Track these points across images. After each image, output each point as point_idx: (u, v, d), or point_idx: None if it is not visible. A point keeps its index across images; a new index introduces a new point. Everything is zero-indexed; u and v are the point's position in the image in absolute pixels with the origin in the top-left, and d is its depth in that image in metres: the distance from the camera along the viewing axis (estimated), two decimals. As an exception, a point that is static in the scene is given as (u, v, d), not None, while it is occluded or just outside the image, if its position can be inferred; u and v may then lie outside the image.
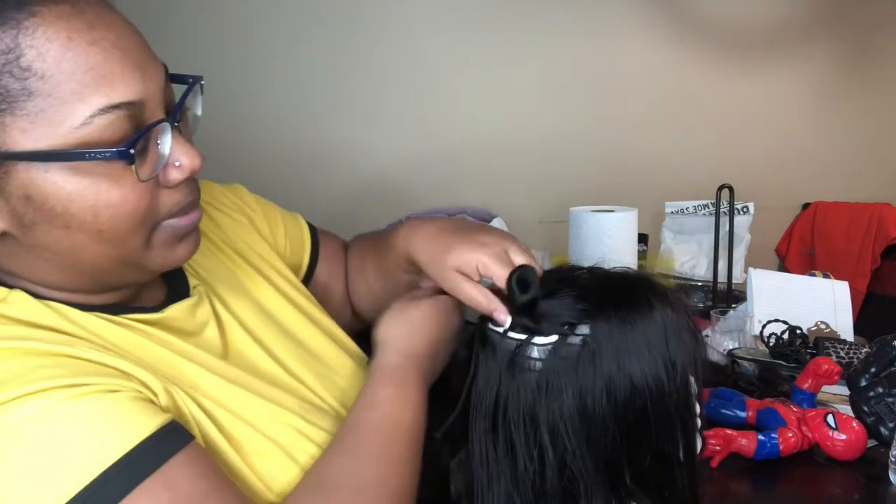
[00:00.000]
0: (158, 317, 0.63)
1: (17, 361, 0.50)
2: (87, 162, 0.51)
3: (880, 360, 0.97)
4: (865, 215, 2.39)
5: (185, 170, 0.56)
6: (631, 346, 0.62)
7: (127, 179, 0.53)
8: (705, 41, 2.32)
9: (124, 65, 0.52)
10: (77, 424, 0.48)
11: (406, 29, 1.93)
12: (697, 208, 1.78)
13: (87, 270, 0.57)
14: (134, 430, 0.49)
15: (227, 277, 0.74)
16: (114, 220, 0.54)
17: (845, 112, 2.59)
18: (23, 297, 0.56)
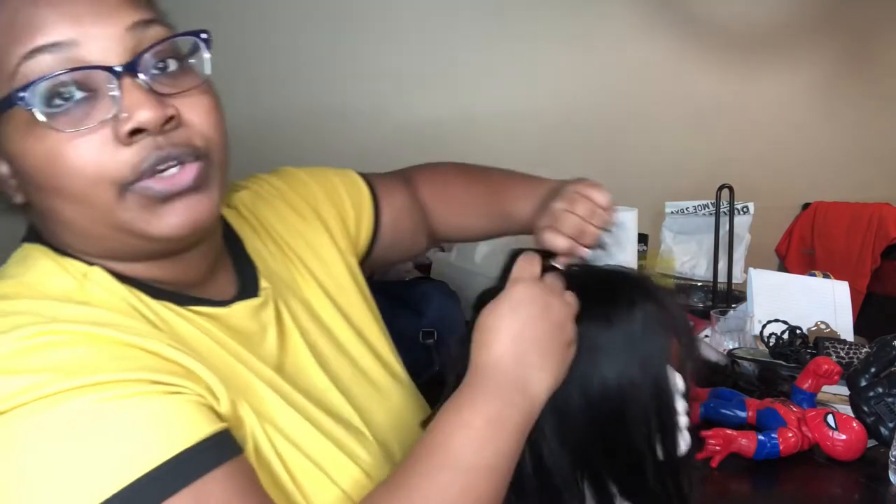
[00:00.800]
0: (223, 312, 0.62)
1: (87, 348, 0.49)
2: (26, 113, 0.50)
3: (880, 360, 0.97)
4: (865, 215, 2.39)
5: (131, 121, 0.51)
6: (607, 344, 0.62)
7: (50, 132, 0.51)
8: (706, 41, 2.32)
9: (53, 11, 0.51)
10: (127, 424, 0.48)
11: (405, 29, 1.93)
12: (697, 208, 1.78)
13: (88, 235, 0.56)
14: (180, 438, 0.48)
15: (292, 285, 0.73)
16: (59, 178, 0.52)
17: (845, 112, 2.59)
18: (102, 275, 0.56)
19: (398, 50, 1.93)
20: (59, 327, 0.50)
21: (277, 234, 0.76)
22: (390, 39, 1.92)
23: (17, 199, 0.56)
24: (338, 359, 0.71)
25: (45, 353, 0.48)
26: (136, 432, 0.48)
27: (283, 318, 0.68)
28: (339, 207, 0.82)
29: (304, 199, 0.80)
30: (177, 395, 0.50)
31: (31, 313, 0.51)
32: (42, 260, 0.57)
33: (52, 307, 0.52)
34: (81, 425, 0.47)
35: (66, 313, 0.52)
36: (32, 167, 0.52)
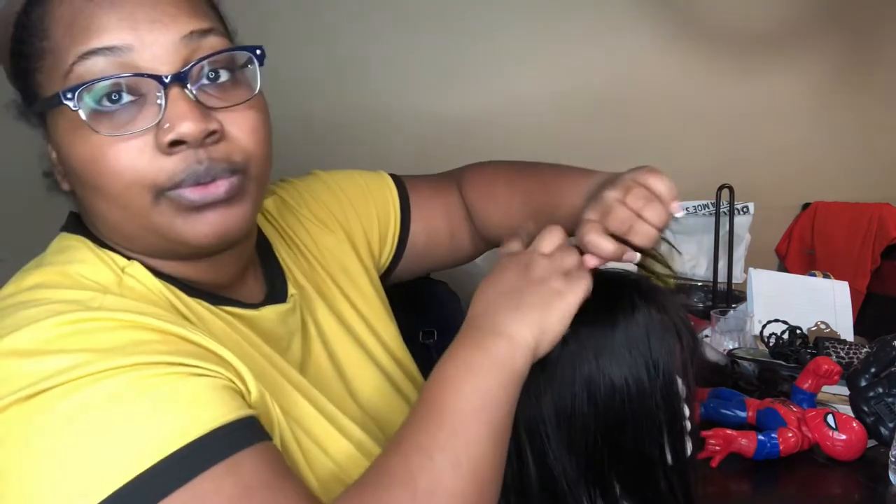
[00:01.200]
0: (253, 314, 0.63)
1: (124, 333, 0.51)
2: (69, 113, 0.53)
3: (880, 360, 0.97)
4: (865, 215, 2.39)
5: (172, 132, 0.52)
6: (611, 347, 0.62)
7: (92, 134, 0.53)
8: (706, 41, 2.32)
9: (112, 15, 0.53)
10: (164, 401, 0.48)
11: (410, 28, 1.93)
12: (697, 208, 1.78)
13: (124, 232, 0.58)
14: (215, 415, 0.49)
15: (319, 294, 0.74)
16: (98, 178, 0.54)
17: (845, 112, 2.59)
18: (140, 270, 0.58)
19: (405, 48, 1.93)
20: (102, 314, 0.51)
21: (303, 243, 0.77)
22: (399, 36, 1.92)
23: (63, 186, 0.59)
24: (363, 367, 0.72)
25: (86, 336, 0.50)
26: (172, 408, 0.48)
27: (308, 325, 0.69)
28: (363, 219, 0.84)
29: (329, 210, 0.82)
30: (210, 377, 0.51)
31: (76, 302, 0.52)
32: (83, 251, 0.58)
33: (95, 298, 0.53)
34: (122, 402, 0.48)
35: (108, 303, 0.53)
36: (75, 163, 0.54)
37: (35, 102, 0.57)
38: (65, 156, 0.56)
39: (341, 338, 0.73)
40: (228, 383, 0.52)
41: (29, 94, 0.57)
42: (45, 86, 0.55)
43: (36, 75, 0.55)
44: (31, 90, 0.57)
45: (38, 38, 0.54)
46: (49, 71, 0.54)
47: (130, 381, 0.48)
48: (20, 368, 0.48)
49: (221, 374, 0.52)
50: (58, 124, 0.55)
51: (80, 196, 0.58)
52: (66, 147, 0.55)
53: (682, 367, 0.65)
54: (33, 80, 0.56)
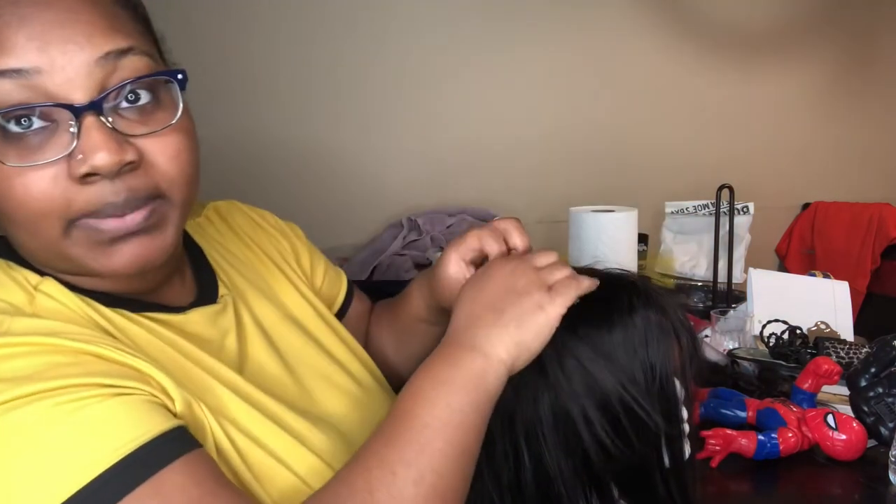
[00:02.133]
0: (179, 319, 0.62)
1: (41, 359, 0.49)
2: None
3: (880, 360, 0.97)
4: (865, 215, 2.39)
5: (85, 164, 0.50)
6: (608, 350, 0.62)
7: (14, 162, 0.50)
8: (706, 41, 2.32)
9: (21, 34, 0.49)
10: (81, 426, 0.48)
11: (404, 28, 1.93)
12: (697, 208, 1.78)
13: (39, 258, 0.56)
14: (135, 435, 0.48)
15: (260, 285, 0.74)
16: (6, 205, 0.51)
17: (845, 112, 2.59)
18: (54, 287, 0.56)
19: (396, 54, 1.93)
20: (10, 340, 0.50)
21: (249, 238, 0.78)
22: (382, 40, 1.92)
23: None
24: (310, 355, 0.71)
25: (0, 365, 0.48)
26: (89, 433, 0.47)
27: (244, 321, 0.68)
28: (314, 271, 0.85)
29: (286, 238, 0.83)
30: (129, 395, 0.50)
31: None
32: (5, 270, 0.57)
33: (2, 322, 0.52)
34: (35, 431, 0.46)
35: (16, 326, 0.51)
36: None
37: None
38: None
39: (286, 332, 0.72)
40: (150, 398, 0.51)
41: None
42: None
43: None
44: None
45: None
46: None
47: (42, 410, 0.47)
48: None
49: (142, 390, 0.51)
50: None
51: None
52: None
53: (681, 369, 0.64)
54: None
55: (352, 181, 1.91)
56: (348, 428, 0.67)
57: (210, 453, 0.53)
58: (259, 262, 0.77)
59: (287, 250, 0.82)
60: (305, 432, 0.62)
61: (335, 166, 1.88)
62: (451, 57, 1.98)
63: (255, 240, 0.80)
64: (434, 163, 2.00)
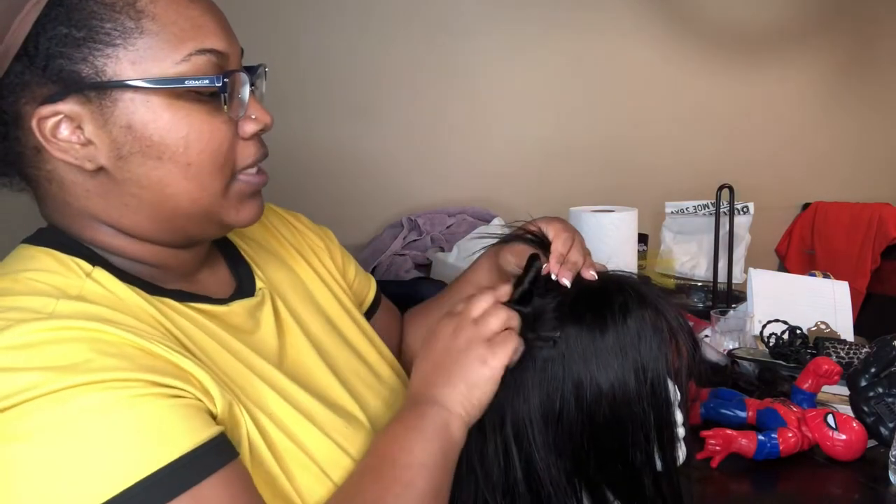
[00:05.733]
0: (222, 310, 0.64)
1: (86, 345, 0.50)
2: (185, 95, 0.57)
3: (880, 360, 0.97)
4: (865, 215, 2.39)
5: (259, 122, 0.62)
6: (600, 352, 0.62)
7: (216, 117, 0.59)
8: (706, 41, 2.32)
9: (217, 23, 0.60)
10: (128, 426, 0.48)
11: (404, 29, 1.93)
12: (697, 208, 1.78)
13: (169, 212, 0.60)
14: (179, 442, 0.49)
15: (294, 280, 0.76)
16: (201, 155, 0.58)
17: (845, 112, 2.59)
18: (104, 275, 0.58)
19: (396, 53, 1.93)
20: (56, 323, 0.50)
21: (283, 237, 0.81)
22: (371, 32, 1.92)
23: (86, 165, 0.57)
24: (340, 349, 0.73)
25: (45, 349, 0.49)
26: (137, 435, 0.48)
27: (282, 314, 0.70)
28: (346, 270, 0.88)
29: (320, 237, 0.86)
30: (176, 398, 0.51)
31: (26, 309, 0.51)
32: (42, 259, 0.58)
33: (47, 303, 0.52)
34: (84, 424, 0.47)
35: (61, 309, 0.52)
36: (175, 139, 0.57)
37: (98, 79, 0.55)
38: (146, 131, 0.56)
39: (320, 329, 0.73)
40: (193, 401, 0.52)
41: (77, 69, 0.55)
42: (133, 64, 0.55)
43: (107, 50, 0.55)
44: (86, 66, 0.55)
45: (129, 18, 0.55)
46: (144, 51, 0.56)
47: (92, 403, 0.47)
48: None
49: (185, 392, 0.52)
50: (145, 101, 0.56)
51: (132, 173, 0.57)
52: (156, 123, 0.56)
53: (677, 372, 0.64)
54: (95, 55, 0.55)
55: (352, 181, 1.91)
56: (381, 424, 0.69)
57: (244, 457, 0.55)
58: (293, 261, 0.79)
59: (322, 249, 0.84)
60: (341, 431, 0.64)
61: (335, 166, 1.88)
62: (450, 57, 1.98)
63: (290, 240, 0.81)
64: (434, 162, 2.00)
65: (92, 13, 0.55)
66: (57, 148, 0.56)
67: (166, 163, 0.57)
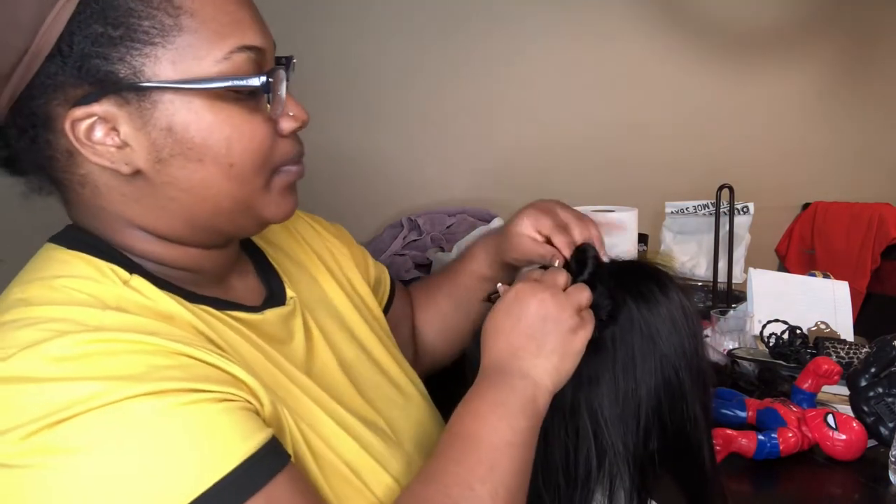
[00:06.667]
0: (257, 318, 0.63)
1: (139, 357, 0.49)
2: (226, 95, 0.55)
3: (880, 360, 0.97)
4: (865, 215, 2.39)
5: (297, 119, 0.61)
6: (659, 326, 0.65)
7: (257, 116, 0.57)
8: (705, 41, 2.32)
9: (253, 17, 0.58)
10: (191, 433, 0.47)
11: (403, 28, 1.93)
12: (697, 208, 1.78)
13: (209, 213, 0.58)
14: (242, 446, 0.48)
15: (319, 292, 0.75)
16: (243, 155, 0.57)
17: (845, 112, 2.59)
18: (143, 282, 0.57)
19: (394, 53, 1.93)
20: (107, 335, 0.49)
21: (307, 243, 0.80)
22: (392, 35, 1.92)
23: (123, 168, 0.55)
24: (364, 365, 0.73)
25: (101, 360, 0.48)
26: (200, 442, 0.48)
27: (310, 325, 0.69)
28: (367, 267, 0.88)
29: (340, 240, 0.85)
30: (229, 402, 0.50)
31: (70, 321, 0.50)
32: (76, 264, 0.56)
33: (92, 314, 0.51)
34: (146, 434, 0.46)
35: (108, 321, 0.51)
36: (217, 140, 0.56)
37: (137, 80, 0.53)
38: (185, 133, 0.55)
39: (343, 340, 0.73)
40: (245, 404, 0.52)
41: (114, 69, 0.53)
42: (173, 64, 0.53)
43: (146, 49, 0.53)
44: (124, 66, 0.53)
45: (167, 15, 0.53)
46: (184, 49, 0.54)
47: (151, 413, 0.47)
48: (33, 396, 0.46)
49: (238, 396, 0.51)
50: (185, 102, 0.54)
51: (171, 175, 0.56)
52: (197, 124, 0.55)
53: None
54: (133, 55, 0.53)
55: (351, 181, 1.90)
56: (405, 439, 0.69)
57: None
58: (316, 271, 0.77)
59: (345, 255, 0.83)
60: (377, 446, 0.63)
61: (335, 167, 1.88)
62: (451, 58, 1.98)
63: (313, 245, 0.80)
64: (434, 162, 2.00)
65: (129, 10, 0.52)
66: (91, 151, 0.54)
67: (208, 164, 0.56)
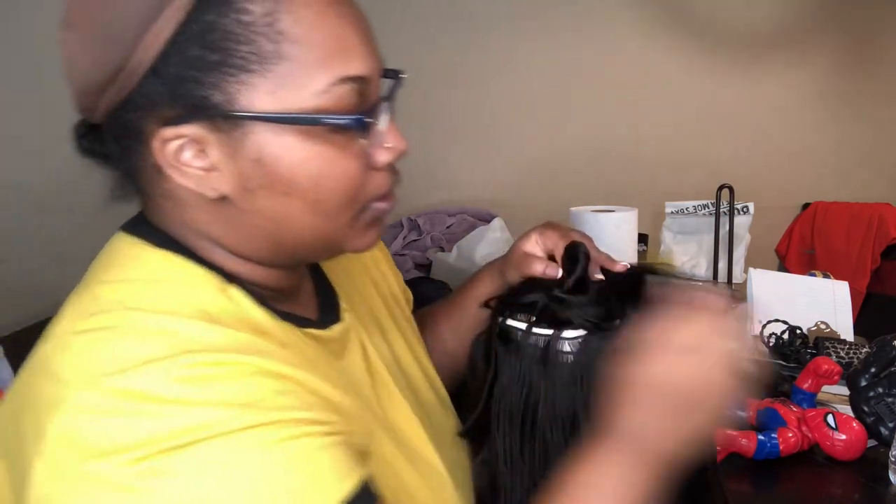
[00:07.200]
0: (326, 334, 0.61)
1: (255, 381, 0.48)
2: (320, 129, 0.52)
3: (880, 360, 0.97)
4: (865, 215, 2.39)
5: (394, 152, 0.57)
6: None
7: (350, 152, 0.53)
8: (706, 42, 2.32)
9: (362, 41, 0.54)
10: (293, 471, 0.47)
11: (403, 30, 1.93)
12: (697, 208, 1.78)
13: (290, 243, 0.56)
14: (339, 487, 0.48)
15: (367, 307, 0.72)
16: (332, 192, 0.54)
17: (845, 112, 2.59)
18: (240, 295, 0.55)
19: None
20: (215, 357, 0.48)
21: (363, 267, 0.77)
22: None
23: (209, 193, 0.53)
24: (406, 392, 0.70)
25: (218, 385, 0.47)
26: (302, 483, 0.47)
27: (364, 341, 0.67)
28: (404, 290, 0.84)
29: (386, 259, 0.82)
30: (334, 435, 0.50)
31: (186, 336, 0.49)
32: (172, 267, 0.55)
33: (204, 329, 0.50)
34: (261, 467, 0.46)
35: (212, 340, 0.50)
36: (306, 177, 0.52)
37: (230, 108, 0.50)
38: (273, 165, 0.52)
39: (386, 349, 0.71)
40: (346, 436, 0.51)
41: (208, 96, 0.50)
42: (269, 94, 0.50)
43: (241, 76, 0.50)
44: (218, 93, 0.50)
45: (268, 41, 0.50)
46: (282, 78, 0.50)
47: (261, 444, 0.46)
48: (152, 418, 0.45)
49: (339, 426, 0.51)
50: (280, 137, 0.51)
51: (256, 204, 0.53)
52: (287, 157, 0.52)
53: None
54: (229, 81, 0.50)
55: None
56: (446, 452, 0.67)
57: None
58: (362, 283, 0.75)
59: (382, 260, 0.81)
60: (436, 479, 0.63)
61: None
62: (451, 59, 1.98)
63: (359, 257, 0.77)
64: (434, 163, 2.00)
65: (228, 34, 0.49)
66: (178, 172, 0.52)
67: (294, 199, 0.53)
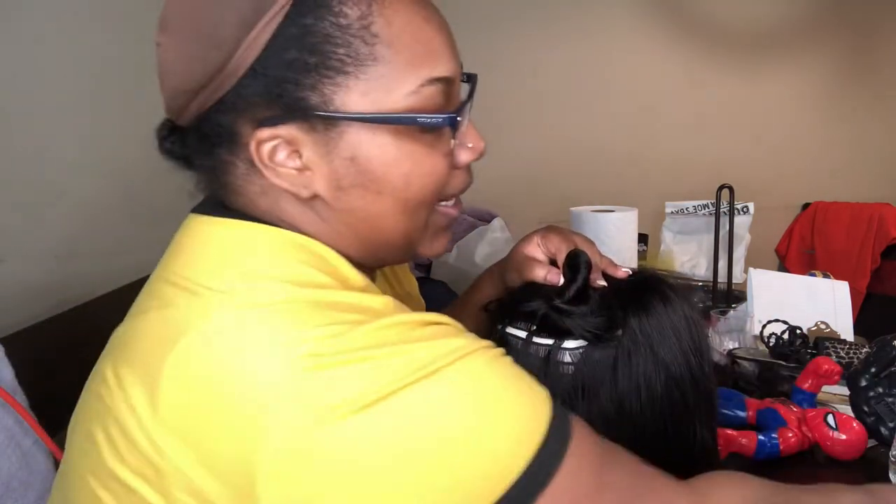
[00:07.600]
0: None
1: (435, 327, 0.50)
2: (412, 129, 0.54)
3: (880, 360, 0.97)
4: (865, 215, 2.39)
5: (475, 151, 0.60)
6: (663, 339, 0.64)
7: (439, 150, 0.56)
8: (706, 41, 2.32)
9: (446, 44, 0.56)
10: (516, 379, 0.50)
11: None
12: (697, 208, 1.78)
13: (377, 241, 0.58)
14: (544, 392, 0.50)
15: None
16: (421, 190, 0.56)
17: (845, 112, 2.59)
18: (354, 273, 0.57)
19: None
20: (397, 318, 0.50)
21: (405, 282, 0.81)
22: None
23: (302, 192, 0.55)
24: None
25: (418, 330, 0.49)
26: (527, 388, 0.50)
27: None
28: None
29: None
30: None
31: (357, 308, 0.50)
32: (337, 257, 0.56)
33: (370, 300, 0.52)
34: (503, 377, 0.49)
35: (380, 307, 0.52)
36: (397, 175, 0.55)
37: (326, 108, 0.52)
38: (367, 164, 0.54)
39: None
40: None
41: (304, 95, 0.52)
42: (363, 95, 0.52)
43: (338, 78, 0.52)
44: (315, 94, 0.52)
45: (363, 43, 0.52)
46: (376, 80, 0.52)
47: (496, 357, 0.49)
48: (390, 359, 0.46)
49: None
50: (374, 136, 0.53)
51: (346, 203, 0.55)
52: (381, 157, 0.54)
53: None
54: (325, 83, 0.52)
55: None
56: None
57: None
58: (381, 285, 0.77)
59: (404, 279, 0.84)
60: None
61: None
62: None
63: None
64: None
65: (326, 37, 0.51)
66: (273, 173, 0.54)
67: (386, 197, 0.55)
